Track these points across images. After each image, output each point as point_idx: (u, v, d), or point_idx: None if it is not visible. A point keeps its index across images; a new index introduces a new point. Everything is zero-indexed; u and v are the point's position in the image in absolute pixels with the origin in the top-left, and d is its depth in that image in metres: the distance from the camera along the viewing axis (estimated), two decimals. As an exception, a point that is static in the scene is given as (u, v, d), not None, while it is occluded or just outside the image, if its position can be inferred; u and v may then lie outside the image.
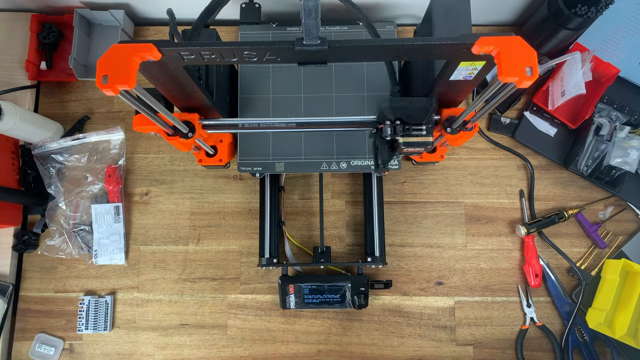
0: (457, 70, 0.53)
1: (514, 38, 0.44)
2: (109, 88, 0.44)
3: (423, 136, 0.59)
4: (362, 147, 0.76)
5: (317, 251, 0.79)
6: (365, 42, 0.48)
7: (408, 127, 0.59)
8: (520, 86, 0.44)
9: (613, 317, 0.76)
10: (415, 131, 0.59)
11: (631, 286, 0.75)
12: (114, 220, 0.84)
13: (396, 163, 0.77)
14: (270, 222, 0.80)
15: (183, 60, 0.50)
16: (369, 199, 0.81)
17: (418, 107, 0.59)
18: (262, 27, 0.80)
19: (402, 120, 0.60)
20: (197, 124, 0.64)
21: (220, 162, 0.78)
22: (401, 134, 0.59)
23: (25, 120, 0.77)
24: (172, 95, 0.61)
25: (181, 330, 0.82)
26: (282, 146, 0.76)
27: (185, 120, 0.64)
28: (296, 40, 0.47)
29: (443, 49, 0.48)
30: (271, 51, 0.48)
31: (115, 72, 0.44)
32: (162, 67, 0.51)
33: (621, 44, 0.80)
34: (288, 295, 0.78)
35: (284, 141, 0.76)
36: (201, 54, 0.49)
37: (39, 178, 0.85)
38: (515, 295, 0.82)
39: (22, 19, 0.88)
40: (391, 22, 0.80)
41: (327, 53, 0.48)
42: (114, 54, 0.45)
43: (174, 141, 0.63)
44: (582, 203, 0.84)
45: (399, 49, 0.49)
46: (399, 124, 0.59)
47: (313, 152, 0.76)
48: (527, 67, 0.43)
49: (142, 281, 0.84)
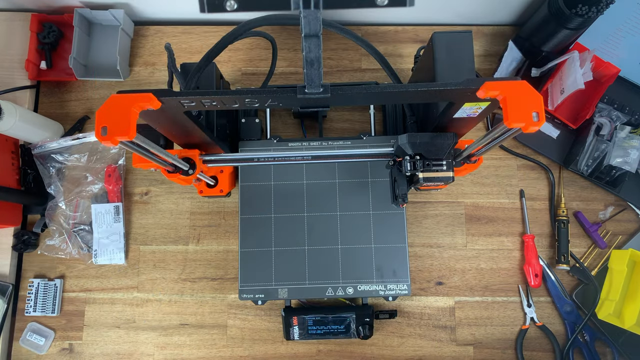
0: (462, 110, 0.53)
1: (520, 83, 0.44)
2: (108, 140, 0.43)
3: (444, 171, 0.59)
4: (369, 271, 0.73)
5: None
6: (368, 89, 0.47)
7: (428, 162, 0.59)
8: (527, 132, 0.43)
9: (622, 308, 0.76)
10: (435, 166, 0.59)
11: (639, 276, 0.75)
12: (114, 220, 0.84)
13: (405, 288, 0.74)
14: None
15: (183, 107, 0.49)
16: None
17: (438, 142, 0.58)
18: (262, 143, 0.78)
19: (422, 156, 0.59)
20: (198, 160, 0.64)
21: (221, 193, 0.77)
22: (421, 170, 0.59)
23: (25, 120, 0.77)
24: (172, 134, 0.61)
25: (181, 330, 0.82)
26: (285, 269, 0.73)
27: (185, 157, 0.64)
28: (298, 88, 0.46)
29: (447, 94, 0.48)
30: (273, 98, 0.48)
31: (114, 123, 0.44)
32: (162, 113, 0.50)
33: (621, 44, 0.80)
34: (292, 327, 0.77)
35: (288, 263, 0.74)
36: (202, 101, 0.48)
37: (38, 178, 0.85)
38: (516, 295, 0.82)
39: (22, 19, 0.87)
40: None
41: (329, 99, 0.47)
42: (112, 104, 0.44)
43: (175, 178, 0.63)
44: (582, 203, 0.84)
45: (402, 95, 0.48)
46: (418, 159, 0.59)
47: (318, 276, 0.73)
48: (534, 113, 0.42)
49: (142, 281, 0.83)
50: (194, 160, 0.64)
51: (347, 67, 0.89)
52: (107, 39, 0.88)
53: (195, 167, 0.64)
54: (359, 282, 0.73)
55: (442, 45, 0.64)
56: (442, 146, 0.58)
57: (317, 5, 0.36)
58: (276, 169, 0.76)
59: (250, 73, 0.89)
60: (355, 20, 0.91)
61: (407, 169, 0.59)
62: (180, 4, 0.87)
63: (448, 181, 0.60)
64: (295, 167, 0.76)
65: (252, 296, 0.73)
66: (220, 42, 0.58)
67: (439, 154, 0.59)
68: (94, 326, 0.82)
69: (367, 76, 0.89)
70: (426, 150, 0.58)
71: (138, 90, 0.46)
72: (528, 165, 0.86)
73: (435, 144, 0.58)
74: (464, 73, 0.63)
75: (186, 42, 0.90)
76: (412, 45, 0.89)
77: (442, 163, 0.59)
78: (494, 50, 0.89)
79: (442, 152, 0.58)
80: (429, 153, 0.59)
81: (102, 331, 0.82)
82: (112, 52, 0.85)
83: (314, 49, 0.41)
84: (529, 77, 0.84)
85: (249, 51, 0.89)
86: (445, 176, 0.59)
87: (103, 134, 0.43)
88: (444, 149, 0.58)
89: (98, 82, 0.89)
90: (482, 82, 0.44)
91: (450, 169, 0.59)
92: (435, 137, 0.58)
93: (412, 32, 0.90)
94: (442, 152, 0.58)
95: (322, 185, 0.75)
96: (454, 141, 0.58)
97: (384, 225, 0.74)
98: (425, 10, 0.88)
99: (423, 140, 0.57)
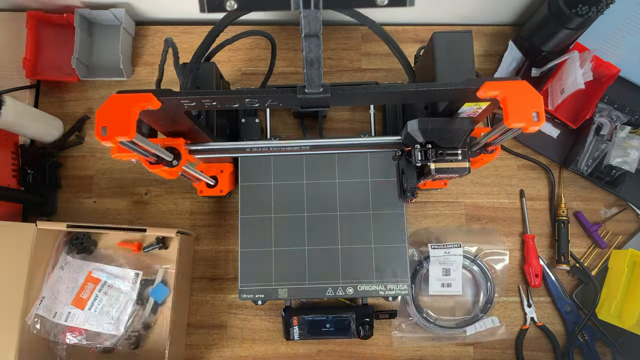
0: (462, 109, 0.52)
1: (520, 83, 0.44)
2: (108, 140, 0.43)
3: (459, 161, 0.53)
4: (369, 271, 0.73)
5: None
6: (368, 89, 0.47)
7: (442, 151, 0.53)
8: (527, 131, 0.43)
9: (622, 308, 0.76)
10: (449, 156, 0.53)
11: (639, 276, 0.75)
12: (114, 220, 0.83)
13: (405, 288, 0.72)
14: None
15: (183, 107, 0.49)
16: None
17: (453, 128, 0.51)
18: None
19: (434, 144, 0.53)
20: (183, 149, 0.59)
21: (221, 193, 0.77)
22: (433, 159, 0.53)
23: (25, 115, 0.77)
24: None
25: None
26: (285, 269, 0.73)
27: (168, 147, 0.59)
28: (298, 88, 0.46)
29: (447, 94, 0.47)
30: (273, 98, 0.47)
31: (114, 123, 0.44)
32: (162, 113, 0.50)
33: (622, 44, 0.80)
34: (292, 327, 0.77)
35: (288, 263, 0.73)
36: (202, 101, 0.48)
37: (38, 178, 0.85)
38: (516, 295, 0.82)
39: (22, 19, 0.87)
40: None
41: (329, 99, 0.47)
42: (112, 104, 0.44)
43: (158, 170, 0.58)
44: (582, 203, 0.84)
45: (402, 95, 0.48)
46: (430, 148, 0.53)
47: (318, 277, 0.73)
48: (534, 112, 0.42)
49: (142, 281, 0.83)
50: (178, 150, 0.58)
51: (347, 67, 0.89)
52: (108, 39, 0.88)
53: (180, 157, 0.58)
54: (359, 282, 0.73)
55: (442, 45, 0.64)
56: (457, 133, 0.51)
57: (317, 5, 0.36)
58: (276, 169, 0.76)
59: (250, 73, 0.89)
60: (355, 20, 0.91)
61: (417, 159, 0.53)
62: (180, 4, 0.87)
63: (463, 173, 0.54)
64: (295, 167, 0.76)
65: (252, 296, 0.73)
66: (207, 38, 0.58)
67: (454, 142, 0.53)
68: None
69: (367, 76, 0.89)
70: (439, 137, 0.53)
71: (138, 90, 0.46)
72: (528, 165, 0.86)
73: (449, 130, 0.52)
74: (464, 73, 0.62)
75: (186, 42, 0.90)
76: (412, 45, 0.89)
77: (457, 152, 0.53)
78: (494, 50, 0.89)
79: (457, 140, 0.53)
80: (442, 141, 0.53)
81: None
82: (114, 51, 0.85)
83: (314, 49, 0.41)
84: (529, 77, 0.84)
85: (249, 51, 0.89)
86: (460, 167, 0.53)
87: (103, 134, 0.44)
88: (459, 136, 0.52)
89: (98, 82, 0.89)
90: (482, 82, 0.44)
91: (466, 158, 0.53)
92: (450, 123, 0.51)
93: (412, 32, 0.90)
94: (457, 140, 0.53)
95: (322, 185, 0.75)
96: (470, 127, 0.52)
97: (384, 225, 0.74)
98: (425, 10, 0.88)
99: (436, 126, 0.51)
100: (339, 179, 0.75)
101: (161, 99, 0.46)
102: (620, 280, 0.75)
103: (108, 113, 0.44)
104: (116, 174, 0.86)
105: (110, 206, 0.85)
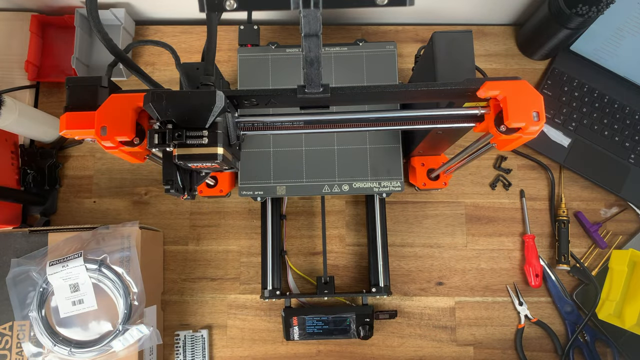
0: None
1: (520, 82, 0.44)
2: (108, 139, 0.44)
3: (204, 146, 0.43)
4: (364, 168, 0.76)
5: (320, 281, 0.78)
6: (368, 89, 0.47)
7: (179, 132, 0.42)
8: (527, 131, 0.43)
9: (622, 308, 0.76)
10: (192, 139, 0.42)
11: (639, 276, 0.75)
12: (114, 220, 0.83)
13: (399, 185, 0.75)
14: (273, 253, 0.79)
15: None
16: (371, 224, 0.80)
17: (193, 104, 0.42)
18: (260, 49, 0.80)
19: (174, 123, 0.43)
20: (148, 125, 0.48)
21: (221, 193, 0.77)
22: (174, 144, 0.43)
23: (25, 115, 0.77)
24: None
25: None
26: (283, 168, 0.76)
27: None
28: (298, 88, 0.46)
29: (447, 93, 0.48)
30: (273, 97, 0.48)
31: (114, 123, 0.44)
32: None
33: (622, 44, 0.80)
34: (292, 327, 0.77)
35: (286, 162, 0.76)
36: None
37: (38, 178, 0.85)
38: (516, 295, 0.82)
39: (22, 19, 0.87)
40: (391, 42, 0.79)
41: (329, 99, 0.47)
42: (112, 104, 0.44)
43: (116, 151, 0.48)
44: (583, 203, 0.84)
45: (402, 94, 0.48)
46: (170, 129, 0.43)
47: (315, 175, 0.76)
48: (534, 112, 0.42)
49: (142, 281, 0.83)
50: (142, 127, 0.47)
51: (347, 67, 0.89)
52: (107, 39, 0.88)
53: (144, 135, 0.47)
54: (354, 179, 0.75)
55: (442, 45, 0.64)
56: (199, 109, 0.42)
57: (317, 5, 0.36)
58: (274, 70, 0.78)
59: (250, 73, 0.89)
60: (355, 21, 0.91)
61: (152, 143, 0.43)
62: (180, 4, 0.87)
63: (215, 161, 0.43)
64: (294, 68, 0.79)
65: (251, 193, 0.75)
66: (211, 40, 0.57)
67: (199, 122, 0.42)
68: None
69: (367, 76, 0.89)
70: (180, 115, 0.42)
71: (137, 90, 0.46)
72: (528, 165, 0.86)
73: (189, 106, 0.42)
74: (464, 73, 0.63)
75: (186, 42, 0.90)
76: (412, 45, 0.89)
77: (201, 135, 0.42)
78: (494, 50, 0.89)
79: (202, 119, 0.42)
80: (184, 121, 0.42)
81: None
82: (114, 51, 0.85)
83: (314, 49, 0.41)
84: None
85: (249, 51, 0.89)
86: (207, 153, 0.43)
87: (103, 134, 0.43)
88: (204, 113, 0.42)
89: (98, 82, 0.89)
90: (483, 82, 0.44)
91: (217, 142, 0.43)
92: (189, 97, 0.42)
93: (412, 32, 0.90)
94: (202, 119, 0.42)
95: None
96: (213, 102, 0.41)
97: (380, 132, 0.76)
98: (425, 10, 0.88)
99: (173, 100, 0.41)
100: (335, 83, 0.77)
101: None
102: (621, 280, 0.75)
103: (107, 113, 0.44)
104: (116, 174, 0.86)
105: (110, 206, 0.85)
